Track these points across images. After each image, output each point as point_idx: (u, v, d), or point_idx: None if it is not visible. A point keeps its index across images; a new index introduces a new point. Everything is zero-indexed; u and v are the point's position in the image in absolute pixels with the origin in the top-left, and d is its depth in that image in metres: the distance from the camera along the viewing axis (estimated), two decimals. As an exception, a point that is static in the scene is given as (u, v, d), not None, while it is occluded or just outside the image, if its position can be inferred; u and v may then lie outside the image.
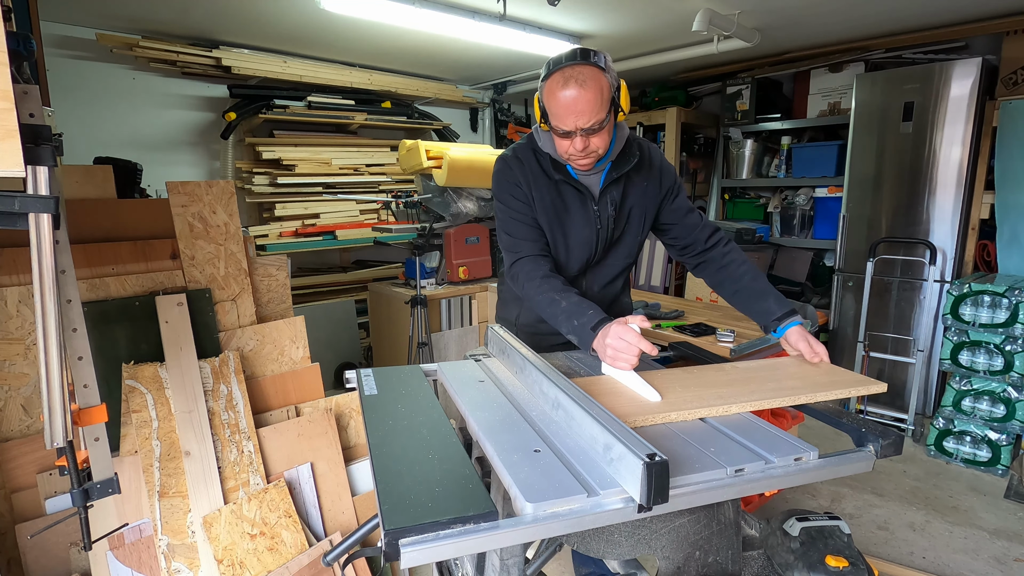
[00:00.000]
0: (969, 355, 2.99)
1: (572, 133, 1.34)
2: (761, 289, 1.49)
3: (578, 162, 1.42)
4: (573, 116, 1.31)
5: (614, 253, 1.61)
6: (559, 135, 1.37)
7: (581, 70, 1.30)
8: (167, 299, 1.94)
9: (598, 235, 1.54)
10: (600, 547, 0.99)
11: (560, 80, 1.30)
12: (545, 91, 1.35)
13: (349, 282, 4.47)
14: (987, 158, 3.29)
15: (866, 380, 1.19)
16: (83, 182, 2.01)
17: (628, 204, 1.55)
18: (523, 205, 1.50)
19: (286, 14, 3.20)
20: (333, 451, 2.04)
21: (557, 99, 1.31)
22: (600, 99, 1.31)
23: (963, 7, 3.15)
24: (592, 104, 1.30)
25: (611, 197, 1.52)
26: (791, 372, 1.24)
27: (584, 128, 1.32)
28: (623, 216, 1.55)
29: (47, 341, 1.05)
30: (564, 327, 1.32)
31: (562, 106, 1.31)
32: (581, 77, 1.29)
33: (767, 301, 1.45)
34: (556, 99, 1.31)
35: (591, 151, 1.38)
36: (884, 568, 2.22)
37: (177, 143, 3.87)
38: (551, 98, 1.33)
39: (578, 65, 1.30)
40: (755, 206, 4.73)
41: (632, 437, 0.81)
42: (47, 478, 1.74)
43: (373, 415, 1.07)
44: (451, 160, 3.31)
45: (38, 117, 1.00)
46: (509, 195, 1.51)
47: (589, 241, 1.54)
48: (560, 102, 1.31)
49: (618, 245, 1.60)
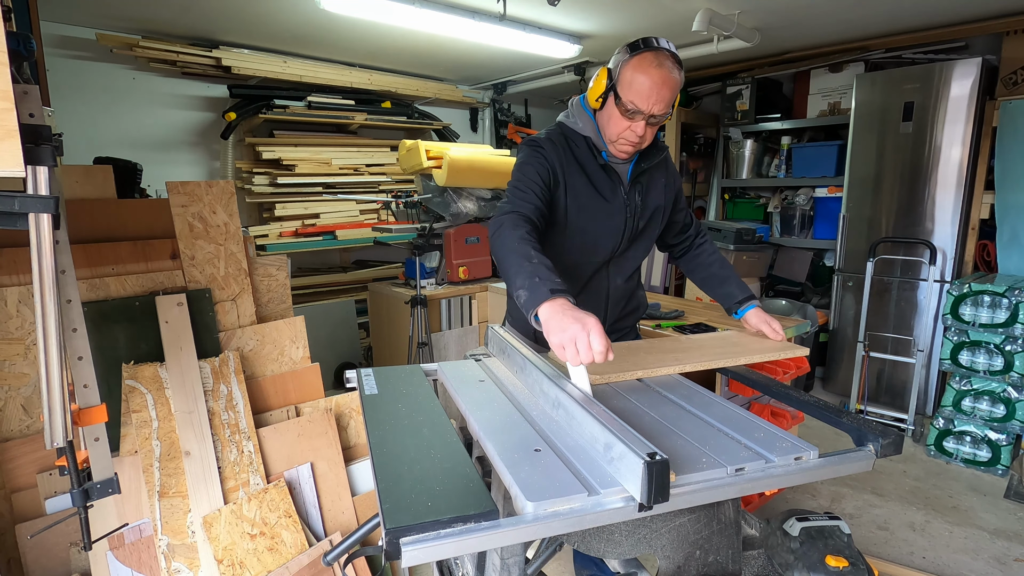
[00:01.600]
0: (969, 355, 2.99)
1: (639, 115, 1.35)
2: (725, 276, 1.64)
3: (623, 148, 1.43)
4: (655, 98, 1.32)
5: (636, 245, 1.62)
6: (624, 113, 1.36)
7: (672, 59, 1.34)
8: (167, 299, 1.94)
9: (626, 223, 1.55)
10: (600, 546, 0.99)
11: (655, 60, 1.32)
12: (631, 65, 1.34)
13: (349, 282, 4.47)
14: (987, 158, 3.30)
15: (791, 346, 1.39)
16: (83, 182, 2.01)
17: (652, 197, 1.59)
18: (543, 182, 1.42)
19: (286, 14, 3.20)
20: (333, 451, 2.04)
21: (645, 75, 1.32)
22: (676, 93, 1.36)
23: (963, 7, 3.15)
24: (673, 92, 1.35)
25: (639, 187, 1.56)
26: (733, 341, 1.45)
27: (655, 115, 1.35)
28: (648, 208, 1.58)
29: (47, 341, 1.05)
30: (520, 278, 1.12)
31: (648, 85, 1.32)
32: (672, 63, 1.34)
33: (730, 286, 1.60)
34: (644, 75, 1.32)
35: (643, 140, 1.41)
36: (884, 568, 2.22)
37: (177, 143, 3.87)
38: (638, 72, 1.32)
39: (671, 55, 1.35)
40: (755, 206, 4.73)
41: (633, 436, 0.81)
42: (47, 478, 1.74)
43: (373, 415, 1.07)
44: (451, 160, 3.31)
45: (38, 117, 1.00)
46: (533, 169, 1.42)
47: (618, 228, 1.54)
48: (648, 80, 1.31)
49: (641, 237, 1.62)
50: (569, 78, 4.52)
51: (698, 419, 1.05)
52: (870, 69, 3.92)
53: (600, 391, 1.20)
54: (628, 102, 1.35)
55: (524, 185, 1.41)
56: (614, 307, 1.65)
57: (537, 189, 1.40)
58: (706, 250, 1.72)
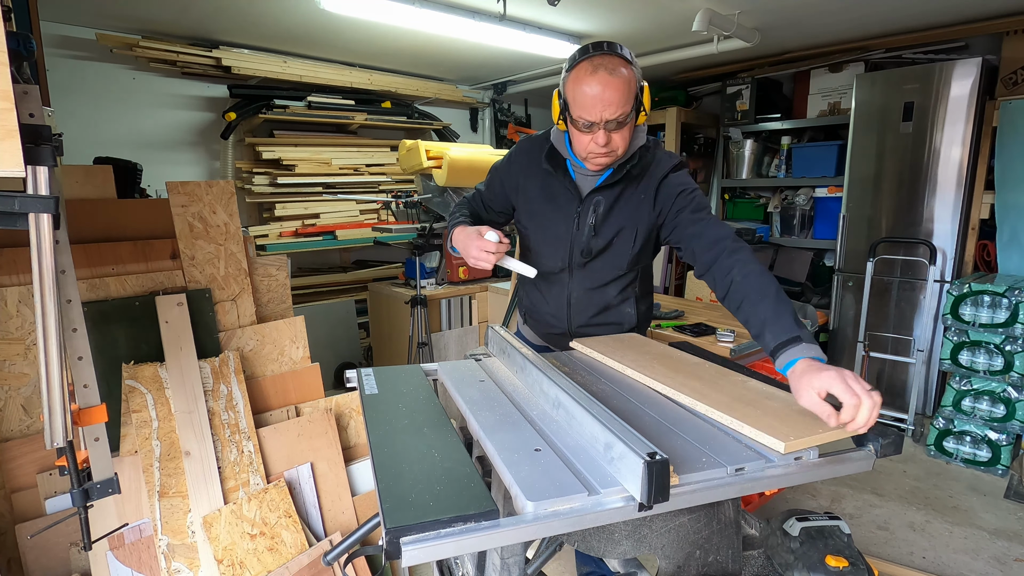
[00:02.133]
0: (969, 355, 2.99)
1: (596, 126, 1.30)
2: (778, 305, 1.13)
3: (596, 161, 1.38)
4: (601, 106, 1.27)
5: (600, 260, 1.52)
6: (581, 129, 1.33)
7: (610, 60, 1.28)
8: (167, 299, 1.94)
9: (574, 237, 1.49)
10: (601, 546, 0.99)
11: (589, 68, 1.27)
12: (570, 81, 1.31)
13: (349, 282, 4.47)
14: (987, 158, 3.30)
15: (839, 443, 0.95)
16: (83, 182, 2.01)
17: (615, 217, 1.46)
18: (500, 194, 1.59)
19: (286, 14, 3.20)
20: (333, 451, 2.04)
21: (585, 88, 1.27)
22: (628, 90, 1.28)
23: (963, 7, 3.15)
24: (620, 94, 1.27)
25: (595, 203, 1.45)
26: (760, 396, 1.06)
27: (610, 120, 1.28)
28: (607, 227, 1.46)
29: (47, 341, 1.05)
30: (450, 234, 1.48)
31: (590, 96, 1.27)
32: (611, 66, 1.27)
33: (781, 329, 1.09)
34: (583, 88, 1.28)
35: (612, 149, 1.34)
36: (884, 568, 2.22)
37: (177, 143, 3.87)
38: (577, 87, 1.29)
39: (607, 55, 1.28)
40: (755, 206, 4.73)
41: (633, 436, 0.81)
42: (47, 478, 1.74)
43: (374, 414, 1.07)
44: (451, 160, 3.31)
45: (38, 117, 1.00)
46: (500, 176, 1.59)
47: (562, 240, 1.50)
48: (588, 91, 1.27)
49: (604, 254, 1.50)
50: (569, 78, 4.51)
51: (698, 419, 1.05)
52: (870, 69, 3.93)
53: (600, 391, 1.20)
54: (579, 117, 1.31)
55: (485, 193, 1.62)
56: (578, 315, 1.58)
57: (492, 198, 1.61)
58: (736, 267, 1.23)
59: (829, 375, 0.94)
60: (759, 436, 0.93)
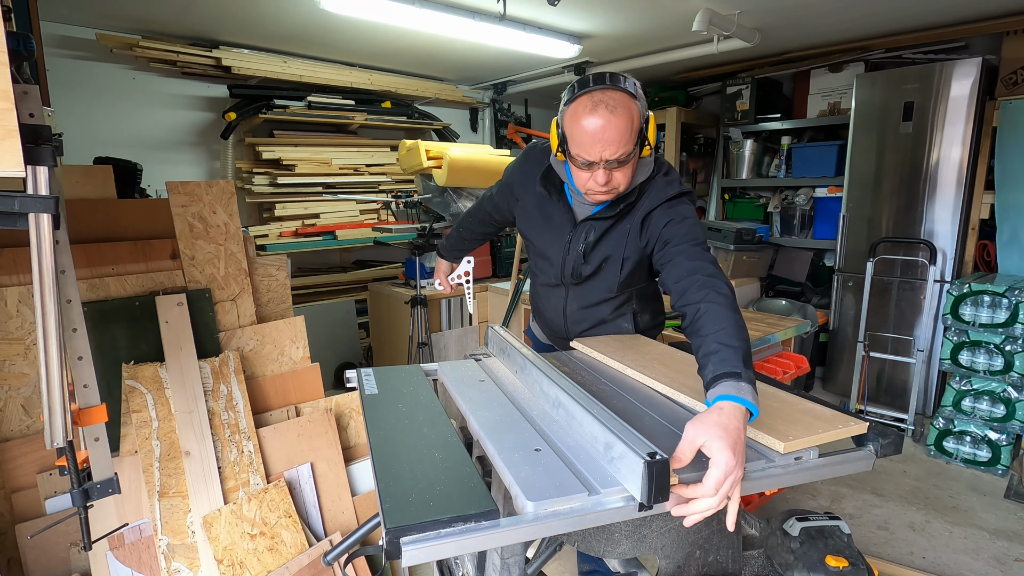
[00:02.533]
0: (969, 355, 2.99)
1: (595, 164, 1.23)
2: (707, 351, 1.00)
3: (595, 197, 1.33)
4: (600, 146, 1.19)
5: (592, 283, 1.52)
6: (579, 166, 1.26)
7: (612, 95, 1.18)
8: (167, 299, 1.94)
9: (564, 261, 1.49)
10: (601, 546, 0.99)
11: (588, 104, 1.18)
12: (568, 116, 1.23)
13: (349, 282, 4.47)
14: (987, 158, 3.30)
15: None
16: (83, 182, 2.01)
17: (603, 247, 1.43)
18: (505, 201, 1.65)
19: (286, 14, 3.20)
20: (333, 451, 2.04)
21: (583, 126, 1.19)
22: (630, 129, 1.20)
23: (963, 7, 3.15)
24: (622, 133, 1.18)
25: (586, 231, 1.43)
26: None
27: (610, 160, 1.21)
28: (595, 255, 1.45)
29: (47, 341, 1.05)
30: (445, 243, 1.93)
31: (588, 134, 1.19)
32: (612, 103, 1.17)
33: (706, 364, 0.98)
34: (582, 125, 1.19)
35: (612, 187, 1.28)
36: (884, 568, 2.22)
37: (177, 143, 3.87)
38: (575, 124, 1.21)
39: (608, 89, 1.19)
40: (755, 206, 4.73)
41: (633, 436, 0.81)
42: (47, 478, 1.74)
43: (374, 414, 1.07)
44: (451, 160, 3.31)
45: (38, 117, 1.00)
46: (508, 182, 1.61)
47: (556, 261, 1.51)
48: (587, 129, 1.19)
49: (594, 279, 1.50)
50: (569, 78, 4.51)
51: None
52: (870, 69, 3.92)
53: (600, 391, 1.20)
54: (576, 155, 1.24)
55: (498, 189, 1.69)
56: (574, 325, 1.60)
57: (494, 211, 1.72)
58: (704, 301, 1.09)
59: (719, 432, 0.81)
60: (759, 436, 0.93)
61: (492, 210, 1.74)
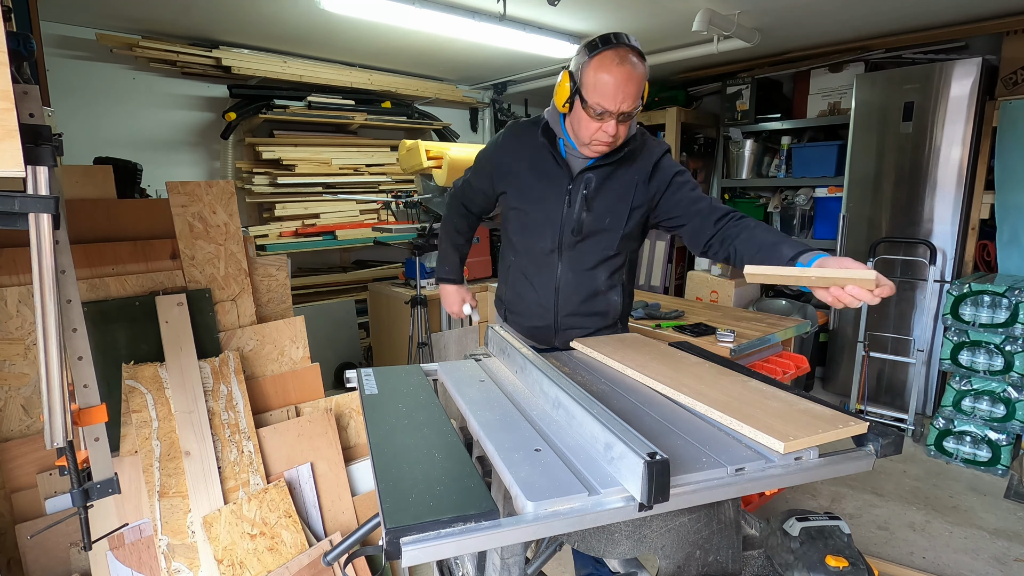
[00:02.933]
0: (969, 355, 2.99)
1: (609, 115, 1.32)
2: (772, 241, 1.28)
3: (597, 148, 1.41)
4: (622, 96, 1.30)
5: (590, 241, 1.54)
6: (593, 116, 1.34)
7: (634, 53, 1.31)
8: (167, 299, 1.94)
9: (563, 215, 1.51)
10: (601, 546, 0.99)
11: (615, 57, 1.29)
12: (591, 67, 1.31)
13: (349, 282, 4.47)
14: (987, 158, 3.30)
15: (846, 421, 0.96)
16: (83, 182, 2.01)
17: (605, 195, 1.49)
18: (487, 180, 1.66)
19: (286, 14, 3.20)
20: (333, 451, 2.04)
21: (608, 75, 1.29)
22: (643, 85, 1.33)
23: (963, 7, 3.15)
24: (639, 86, 1.32)
25: (586, 181, 1.49)
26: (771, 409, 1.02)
27: (625, 111, 1.32)
28: (598, 203, 1.50)
29: (47, 341, 1.05)
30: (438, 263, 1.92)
31: (613, 84, 1.29)
32: (634, 58, 1.30)
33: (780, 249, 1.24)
34: (607, 75, 1.29)
35: (617, 138, 1.38)
36: (884, 568, 2.22)
37: (177, 143, 3.87)
38: (600, 73, 1.30)
39: (630, 49, 1.31)
40: (755, 206, 4.73)
41: (633, 436, 0.81)
42: (47, 478, 1.74)
43: (374, 414, 1.07)
44: (451, 160, 3.31)
45: (38, 117, 1.00)
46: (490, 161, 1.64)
47: (555, 218, 1.52)
48: (612, 79, 1.29)
49: (595, 235, 1.53)
50: (569, 78, 4.52)
51: (698, 419, 1.05)
52: (870, 69, 3.92)
53: (600, 391, 1.20)
54: (595, 104, 1.32)
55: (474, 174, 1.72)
56: (566, 301, 1.59)
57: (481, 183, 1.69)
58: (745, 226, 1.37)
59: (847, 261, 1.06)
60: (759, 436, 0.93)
61: (467, 201, 1.79)
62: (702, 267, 4.29)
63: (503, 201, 1.65)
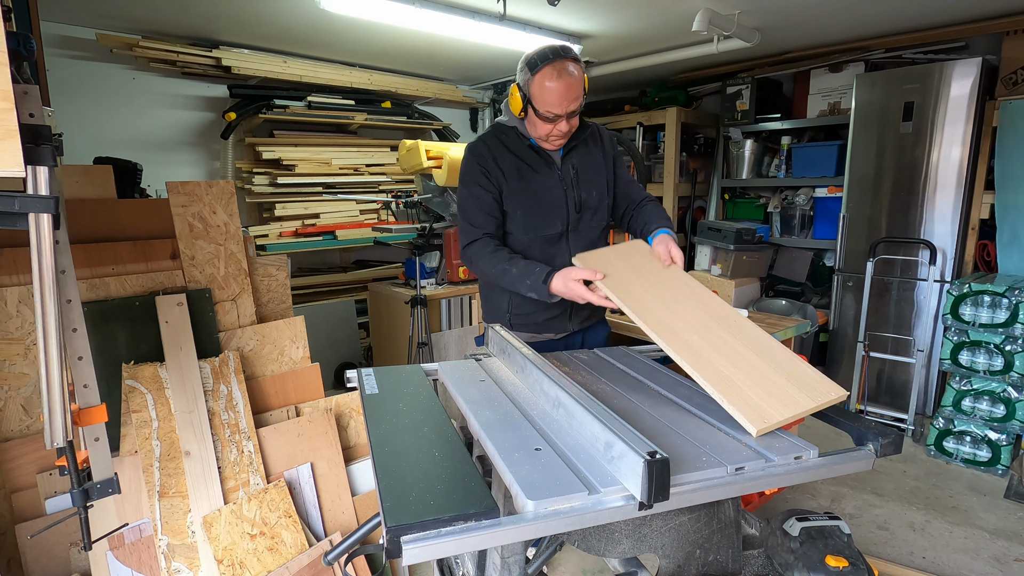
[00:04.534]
0: (969, 355, 2.99)
1: (560, 117, 1.56)
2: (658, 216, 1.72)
3: (554, 142, 1.66)
4: (566, 102, 1.54)
5: (588, 216, 1.76)
6: (546, 120, 1.57)
7: (569, 63, 1.53)
8: (167, 299, 1.94)
9: (567, 195, 1.71)
10: (601, 545, 0.99)
11: (554, 72, 1.52)
12: (535, 82, 1.54)
13: (349, 282, 4.47)
14: (987, 158, 3.29)
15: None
16: (83, 182, 2.01)
17: (587, 172, 1.75)
18: (485, 189, 1.66)
19: (286, 14, 3.20)
20: (333, 451, 2.04)
21: (552, 88, 1.52)
22: (582, 86, 1.56)
23: (963, 7, 3.15)
24: (579, 89, 1.55)
25: (571, 162, 1.73)
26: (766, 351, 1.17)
27: (570, 111, 1.55)
28: (585, 177, 1.74)
29: (47, 341, 1.05)
30: (522, 288, 1.56)
31: (556, 94, 1.52)
32: (570, 68, 1.53)
33: (654, 223, 1.68)
34: (551, 88, 1.52)
35: (569, 131, 1.63)
36: (884, 568, 2.22)
37: (177, 143, 3.87)
38: (543, 87, 1.53)
39: (566, 59, 1.53)
40: (755, 206, 4.73)
41: (633, 435, 0.81)
42: (47, 478, 1.74)
43: (374, 414, 1.07)
44: (451, 160, 3.31)
45: (38, 117, 1.00)
46: (474, 181, 1.67)
47: (559, 200, 1.71)
48: (555, 90, 1.52)
49: (591, 209, 1.76)
50: (569, 78, 4.52)
51: (698, 418, 1.05)
52: (870, 69, 3.92)
53: (600, 390, 1.20)
54: (546, 112, 1.55)
55: (471, 213, 1.68)
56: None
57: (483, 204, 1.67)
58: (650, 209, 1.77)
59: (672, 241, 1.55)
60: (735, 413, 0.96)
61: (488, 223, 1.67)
62: (702, 267, 4.29)
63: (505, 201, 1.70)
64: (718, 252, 4.16)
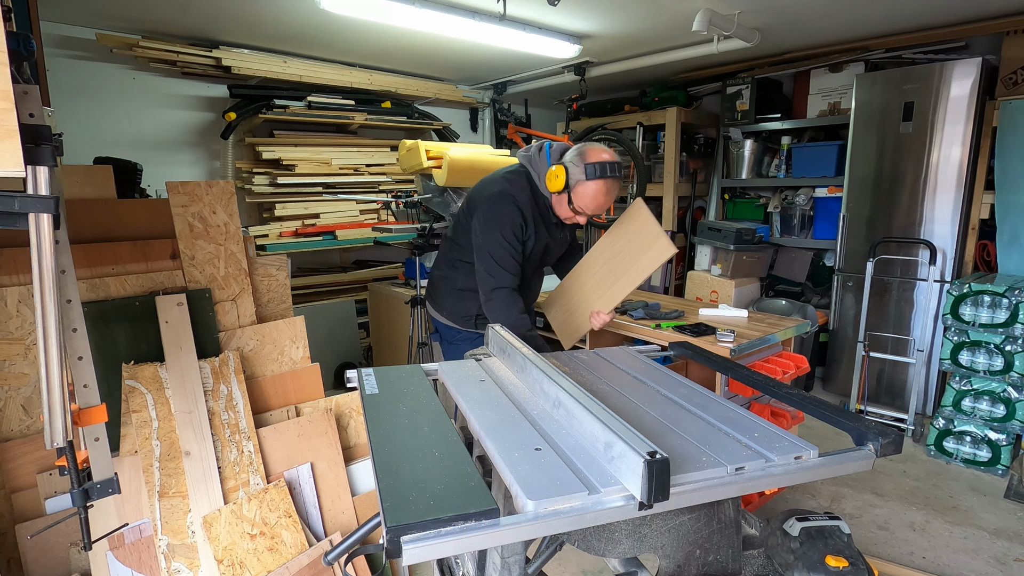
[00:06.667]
0: (969, 355, 2.99)
1: (584, 215, 1.90)
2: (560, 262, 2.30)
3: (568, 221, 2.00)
4: (601, 211, 1.88)
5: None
6: (575, 212, 1.89)
7: (618, 183, 1.85)
8: (167, 299, 1.94)
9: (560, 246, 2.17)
10: (601, 545, 0.99)
11: (605, 188, 1.81)
12: (587, 186, 1.81)
13: (349, 282, 4.47)
14: (987, 158, 3.30)
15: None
16: (83, 182, 2.01)
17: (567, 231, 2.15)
18: (519, 240, 1.90)
19: (286, 14, 3.20)
20: (333, 451, 2.04)
21: (597, 197, 1.83)
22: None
23: (963, 7, 3.15)
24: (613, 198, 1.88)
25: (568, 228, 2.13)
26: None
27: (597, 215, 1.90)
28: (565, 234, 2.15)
29: (47, 341, 1.05)
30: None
31: (598, 203, 1.85)
32: (616, 188, 1.85)
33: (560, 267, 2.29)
34: (596, 197, 1.83)
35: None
36: (884, 568, 2.22)
37: (177, 143, 3.87)
38: (591, 194, 1.82)
39: (618, 179, 1.83)
40: (755, 206, 4.73)
41: (633, 435, 0.81)
42: (47, 478, 1.74)
43: (374, 414, 1.07)
44: (451, 160, 3.30)
45: (38, 117, 1.00)
46: (511, 230, 1.88)
47: (557, 255, 2.22)
48: (600, 202, 1.84)
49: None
50: (569, 78, 4.52)
51: (698, 418, 1.05)
52: (870, 69, 3.92)
53: (600, 390, 1.20)
54: (580, 208, 1.86)
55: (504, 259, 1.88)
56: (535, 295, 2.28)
57: (516, 256, 1.90)
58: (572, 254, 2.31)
59: None
60: None
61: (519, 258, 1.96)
62: (702, 267, 4.30)
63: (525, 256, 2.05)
64: (718, 252, 4.16)
